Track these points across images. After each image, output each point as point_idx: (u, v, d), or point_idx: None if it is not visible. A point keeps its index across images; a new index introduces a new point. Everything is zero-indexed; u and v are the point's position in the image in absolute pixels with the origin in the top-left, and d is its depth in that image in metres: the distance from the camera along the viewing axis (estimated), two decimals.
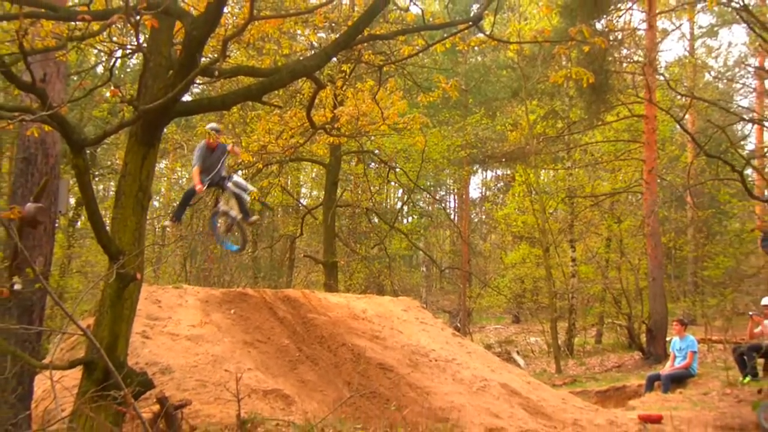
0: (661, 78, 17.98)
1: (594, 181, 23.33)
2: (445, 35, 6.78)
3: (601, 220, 22.50)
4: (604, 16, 18.49)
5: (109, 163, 21.97)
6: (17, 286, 6.13)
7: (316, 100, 8.33)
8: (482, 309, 29.34)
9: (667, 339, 15.43)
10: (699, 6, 20.55)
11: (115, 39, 7.01)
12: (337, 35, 6.34)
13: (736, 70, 28.20)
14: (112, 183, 23.44)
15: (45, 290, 5.93)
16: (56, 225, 7.68)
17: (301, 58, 9.22)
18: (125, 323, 5.14)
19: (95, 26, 5.46)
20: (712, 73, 27.65)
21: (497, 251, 30.65)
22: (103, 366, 4.54)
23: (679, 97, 19.71)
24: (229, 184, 9.92)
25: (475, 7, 25.46)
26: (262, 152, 14.32)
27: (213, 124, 9.65)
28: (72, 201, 17.75)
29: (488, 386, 9.06)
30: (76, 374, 5.41)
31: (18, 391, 6.40)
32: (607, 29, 18.38)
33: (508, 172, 29.43)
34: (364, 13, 5.67)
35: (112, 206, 5.42)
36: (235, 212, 9.70)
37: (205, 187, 9.37)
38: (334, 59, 11.44)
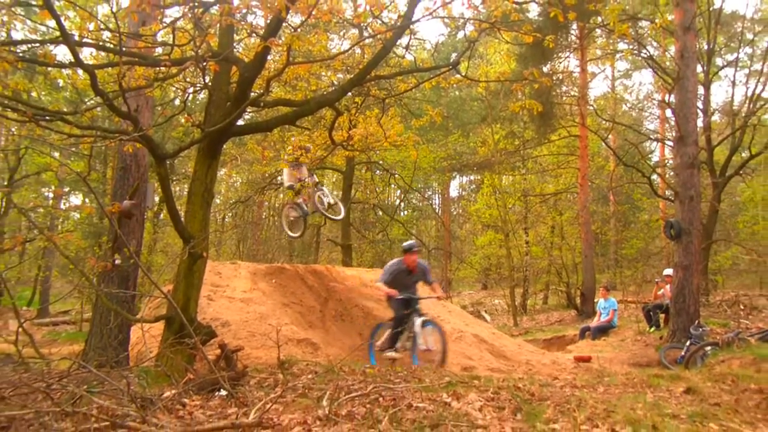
0: (591, 108, 17.94)
1: (542, 184, 23.30)
2: (432, 76, 6.76)
3: (548, 213, 22.48)
4: (549, 62, 18.45)
5: (183, 170, 21.98)
6: (117, 262, 6.17)
7: (336, 124, 8.31)
8: (459, 279, 29.30)
9: (595, 300, 15.44)
10: (618, 55, 20.59)
11: (188, 79, 7.00)
12: (352, 76, 6.34)
13: (645, 102, 28.29)
14: (185, 185, 23.43)
15: (137, 265, 5.97)
16: (145, 217, 7.70)
17: (325, 92, 9.20)
18: (195, 289, 5.15)
19: (174, 70, 5.46)
20: (628, 104, 27.69)
21: (470, 236, 30.57)
22: (180, 320, 4.55)
23: (604, 122, 19.69)
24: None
25: (453, 55, 25.35)
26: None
27: (412, 242, 7.39)
28: (156, 199, 17.72)
29: (464, 336, 9.06)
30: (159, 326, 5.44)
31: (119, 338, 6.45)
32: (551, 72, 18.32)
33: (479, 177, 29.32)
34: (371, 60, 5.66)
35: (185, 203, 5.42)
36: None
37: (397, 296, 6.95)
38: (350, 93, 11.42)
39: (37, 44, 5.53)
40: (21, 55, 4.82)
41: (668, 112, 20.07)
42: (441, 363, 6.27)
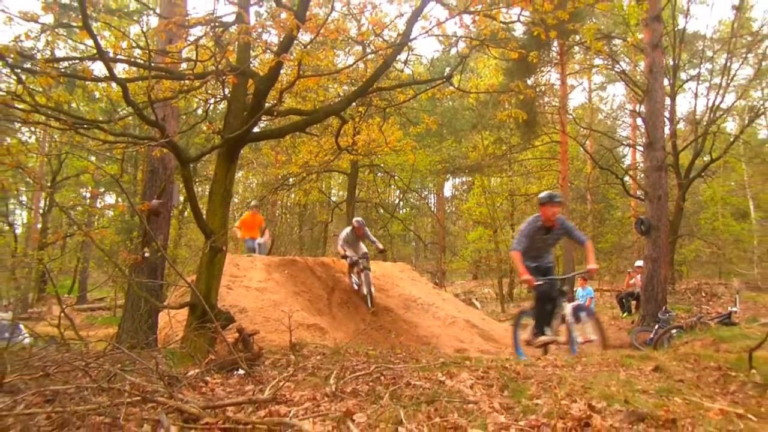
0: (570, 117, 17.93)
1: (527, 185, 23.28)
2: (428, 88, 6.75)
3: (532, 211, 22.43)
4: (533, 76, 18.42)
5: (205, 173, 21.98)
6: (147, 255, 6.17)
7: (342, 131, 8.31)
8: (452, 270, 29.26)
9: (574, 289, 15.43)
10: (594, 70, 20.59)
11: (209, 91, 7.01)
12: (356, 88, 6.35)
13: (618, 111, 28.26)
14: (206, 186, 23.41)
15: (164, 257, 5.98)
16: (171, 214, 7.71)
17: (332, 103, 9.21)
18: (216, 279, 5.15)
19: (197, 83, 5.46)
20: (603, 114, 27.67)
21: (463, 232, 30.52)
22: (202, 307, 4.56)
23: (582, 129, 19.67)
24: None
25: (447, 69, 25.29)
26: (306, 166, 14.33)
27: (553, 192, 5.64)
28: (181, 198, 17.78)
29: (456, 321, 9.07)
30: (184, 312, 5.45)
31: (148, 322, 6.47)
32: (534, 84, 18.30)
33: (470, 178, 29.28)
34: (373, 74, 5.65)
35: (207, 202, 5.42)
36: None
37: (536, 282, 5.25)
38: (354, 103, 11.42)
39: (77, 61, 5.54)
40: (63, 70, 4.82)
41: (639, 121, 20.04)
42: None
